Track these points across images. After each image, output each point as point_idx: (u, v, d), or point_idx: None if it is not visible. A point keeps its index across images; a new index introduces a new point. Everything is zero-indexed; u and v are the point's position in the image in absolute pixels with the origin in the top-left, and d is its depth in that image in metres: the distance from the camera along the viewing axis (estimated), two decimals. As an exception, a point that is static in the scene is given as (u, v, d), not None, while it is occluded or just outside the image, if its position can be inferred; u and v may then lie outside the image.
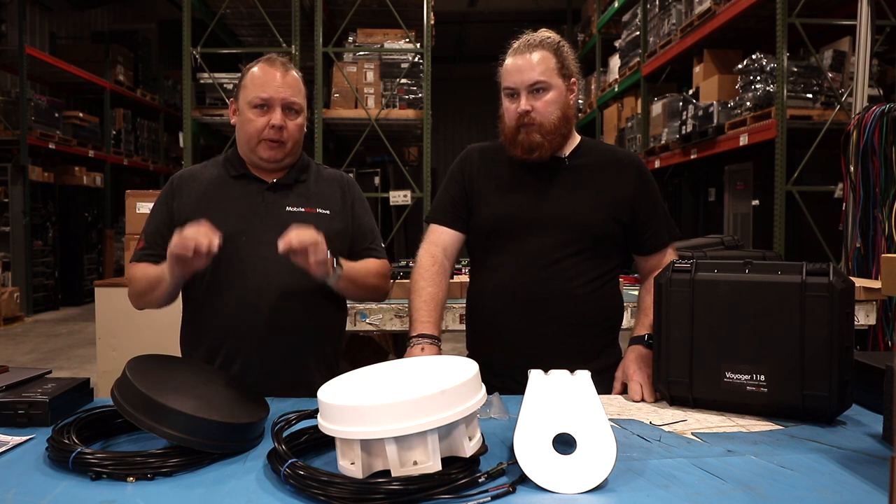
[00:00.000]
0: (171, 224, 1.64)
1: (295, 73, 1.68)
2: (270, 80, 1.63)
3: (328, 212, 1.70)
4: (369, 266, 1.71)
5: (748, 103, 5.54)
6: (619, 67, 8.81)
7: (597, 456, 1.00)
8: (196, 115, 6.72)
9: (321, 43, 6.51)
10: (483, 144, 1.81)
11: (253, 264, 1.60)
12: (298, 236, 1.42)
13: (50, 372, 1.48)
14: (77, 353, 6.28)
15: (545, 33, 1.67)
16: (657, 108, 7.46)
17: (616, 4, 8.71)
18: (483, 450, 1.06)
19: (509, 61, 1.65)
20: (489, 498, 0.95)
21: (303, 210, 1.67)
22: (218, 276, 1.61)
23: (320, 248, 1.44)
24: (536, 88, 1.61)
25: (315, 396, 1.05)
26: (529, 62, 1.61)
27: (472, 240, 1.77)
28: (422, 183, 6.68)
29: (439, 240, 1.74)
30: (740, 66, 5.68)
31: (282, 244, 1.41)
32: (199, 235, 1.39)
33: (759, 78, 5.45)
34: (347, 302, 1.82)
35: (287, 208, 1.66)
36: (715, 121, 5.92)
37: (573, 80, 1.67)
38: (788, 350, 1.27)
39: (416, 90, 6.73)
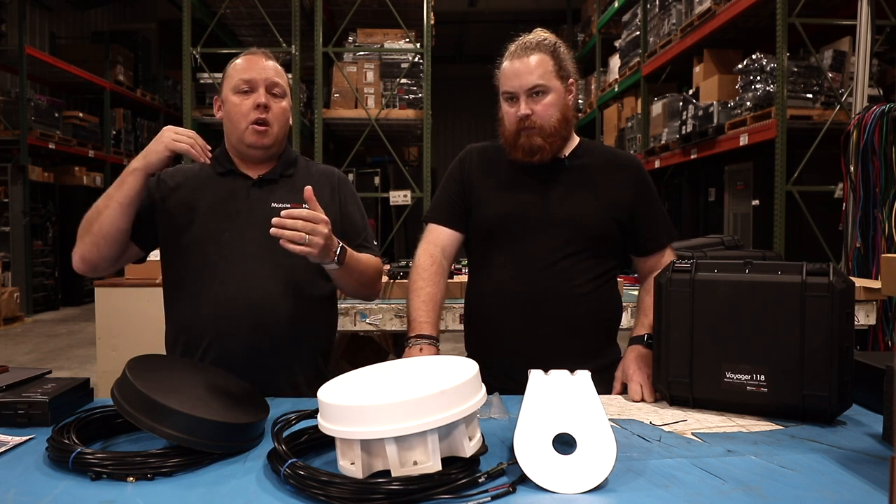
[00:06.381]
0: (153, 213, 1.65)
1: (276, 63, 1.70)
2: (252, 64, 1.65)
3: None
4: (369, 259, 1.69)
5: (748, 103, 5.53)
6: (619, 67, 8.80)
7: (597, 456, 1.00)
8: (196, 115, 6.72)
9: (321, 43, 6.51)
10: (482, 144, 1.81)
11: (235, 261, 1.59)
12: (294, 214, 1.38)
13: (50, 372, 1.48)
14: (77, 353, 6.28)
15: (541, 34, 1.66)
16: (657, 108, 7.46)
17: (616, 4, 8.71)
18: (483, 450, 1.05)
19: (507, 65, 1.64)
20: (489, 498, 0.95)
21: (288, 206, 1.61)
22: (200, 273, 1.59)
23: (319, 228, 1.40)
24: (535, 92, 1.61)
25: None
26: (527, 65, 1.60)
27: (470, 240, 1.76)
28: (422, 183, 6.68)
29: (437, 239, 1.73)
30: (740, 66, 5.68)
31: (273, 228, 1.36)
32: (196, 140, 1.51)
33: (759, 78, 5.45)
34: (342, 302, 1.79)
35: (273, 204, 1.64)
36: (715, 121, 5.92)
37: (571, 80, 1.67)
38: (788, 350, 1.27)
39: (416, 90, 6.73)
